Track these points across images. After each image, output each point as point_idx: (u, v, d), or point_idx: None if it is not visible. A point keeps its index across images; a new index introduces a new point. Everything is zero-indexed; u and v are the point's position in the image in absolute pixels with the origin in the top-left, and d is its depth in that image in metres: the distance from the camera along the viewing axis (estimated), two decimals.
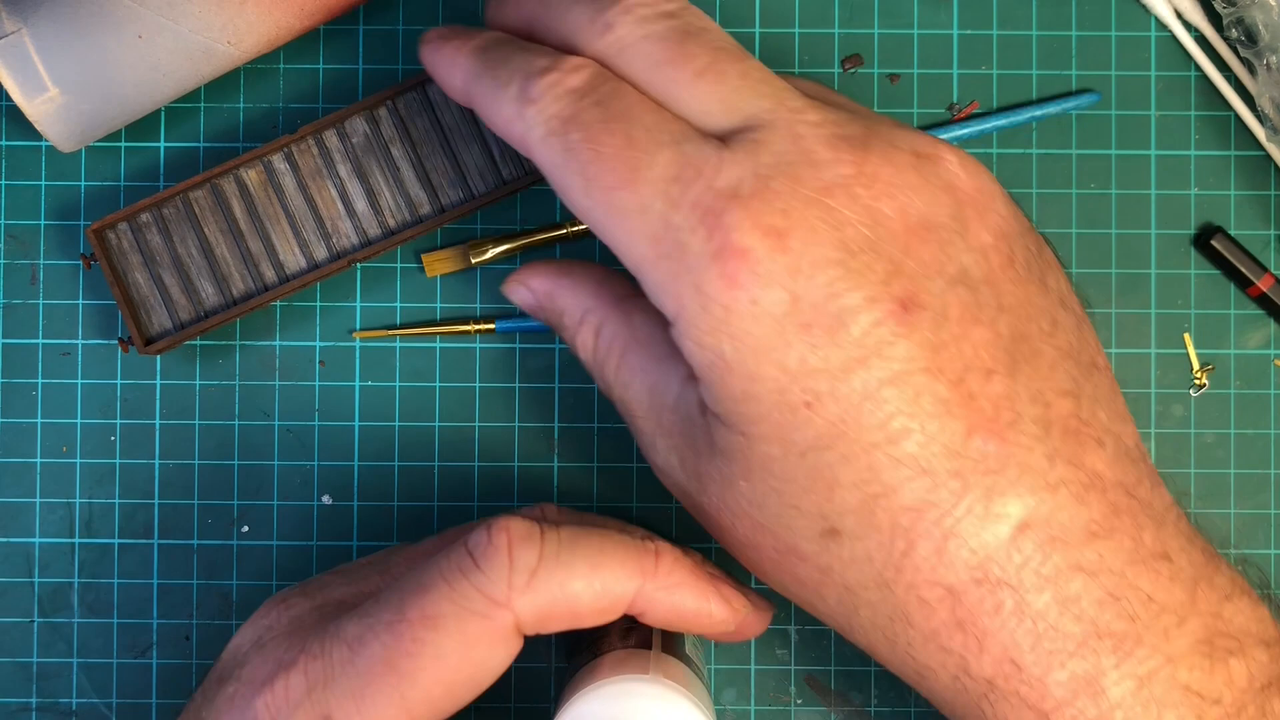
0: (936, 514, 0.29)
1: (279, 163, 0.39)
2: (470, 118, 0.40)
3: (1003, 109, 0.42)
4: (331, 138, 0.39)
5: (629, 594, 0.32)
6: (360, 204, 0.39)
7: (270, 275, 0.39)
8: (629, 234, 0.31)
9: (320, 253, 0.39)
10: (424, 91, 0.40)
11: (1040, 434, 0.30)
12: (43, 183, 0.42)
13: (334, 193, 0.39)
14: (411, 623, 0.31)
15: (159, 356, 0.41)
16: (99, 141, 0.41)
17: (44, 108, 0.37)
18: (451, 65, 0.35)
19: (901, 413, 0.29)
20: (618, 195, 0.31)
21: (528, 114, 0.32)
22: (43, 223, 0.42)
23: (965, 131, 0.42)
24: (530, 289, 0.37)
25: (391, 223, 0.40)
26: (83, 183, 0.42)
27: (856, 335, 0.29)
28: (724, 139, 0.31)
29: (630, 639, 0.36)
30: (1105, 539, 0.30)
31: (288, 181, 0.39)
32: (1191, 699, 0.30)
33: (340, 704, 0.30)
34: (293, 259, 0.39)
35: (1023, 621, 0.30)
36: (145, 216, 0.39)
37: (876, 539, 0.30)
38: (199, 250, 0.39)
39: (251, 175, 0.39)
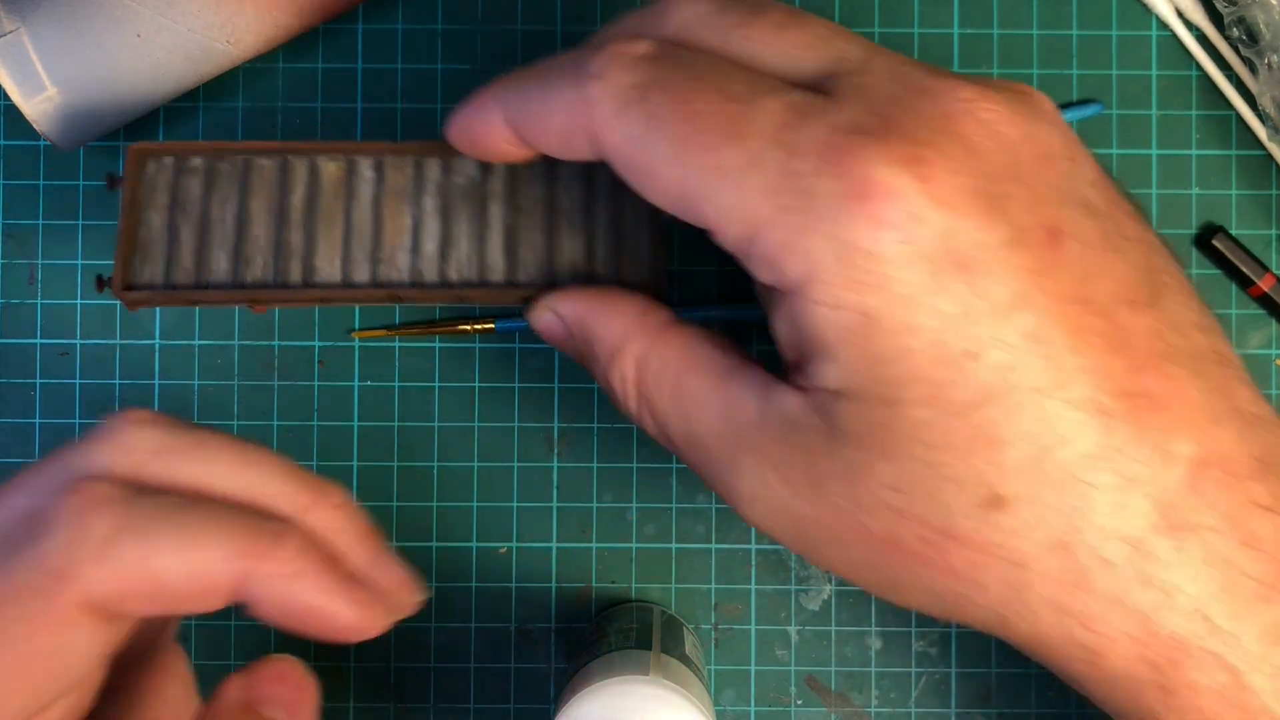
0: (1119, 460, 0.27)
1: (366, 169, 0.35)
2: (586, 208, 0.35)
3: None
4: (433, 166, 0.35)
5: (229, 577, 0.27)
6: (430, 244, 0.35)
7: (295, 275, 0.34)
8: (740, 193, 0.27)
9: (361, 274, 0.34)
10: (552, 164, 0.35)
11: (1194, 367, 0.28)
12: (40, 182, 0.42)
13: (408, 221, 0.35)
14: None
15: (157, 356, 0.41)
16: (97, 141, 0.41)
17: (42, 107, 0.37)
18: (486, 110, 0.31)
19: (1070, 350, 0.27)
20: (723, 153, 0.27)
21: (592, 91, 0.29)
22: (40, 222, 0.42)
23: None
24: (560, 314, 0.33)
25: (454, 276, 0.35)
26: (81, 182, 0.42)
27: (1015, 268, 0.26)
28: (817, 87, 0.29)
29: (630, 639, 0.36)
30: (1277, 474, 0.28)
31: (365, 190, 0.35)
32: None
33: None
34: (328, 268, 0.34)
35: (1211, 569, 0.27)
36: (196, 160, 0.35)
37: (1051, 497, 0.27)
38: (234, 218, 0.35)
39: (330, 167, 0.35)
